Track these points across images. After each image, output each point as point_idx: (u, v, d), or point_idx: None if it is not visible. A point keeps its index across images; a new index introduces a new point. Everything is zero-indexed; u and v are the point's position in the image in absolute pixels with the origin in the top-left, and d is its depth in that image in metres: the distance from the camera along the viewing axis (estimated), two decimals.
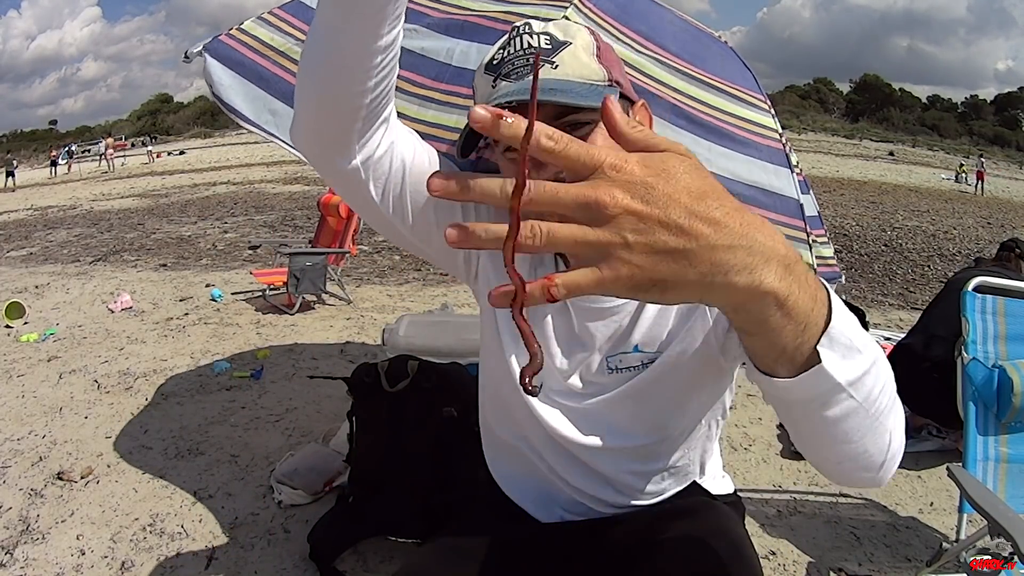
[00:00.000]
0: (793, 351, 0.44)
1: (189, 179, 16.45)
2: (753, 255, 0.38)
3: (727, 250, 0.37)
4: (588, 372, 0.86)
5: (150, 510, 1.95)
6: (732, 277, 0.38)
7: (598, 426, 0.87)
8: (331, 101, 0.67)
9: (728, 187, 1.37)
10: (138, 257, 6.49)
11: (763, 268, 0.38)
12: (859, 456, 0.53)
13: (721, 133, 1.58)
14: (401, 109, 1.49)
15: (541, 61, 0.70)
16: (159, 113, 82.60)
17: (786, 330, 0.42)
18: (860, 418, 0.49)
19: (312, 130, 0.71)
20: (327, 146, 0.71)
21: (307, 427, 2.49)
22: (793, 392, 0.47)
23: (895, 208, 10.77)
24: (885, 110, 77.05)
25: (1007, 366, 1.58)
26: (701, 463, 0.94)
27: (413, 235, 0.81)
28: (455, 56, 1.50)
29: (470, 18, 1.54)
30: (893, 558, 1.79)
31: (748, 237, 0.38)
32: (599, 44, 0.75)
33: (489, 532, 0.94)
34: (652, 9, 1.78)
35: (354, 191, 0.75)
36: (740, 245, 0.37)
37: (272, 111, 1.50)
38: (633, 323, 0.83)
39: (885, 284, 5.73)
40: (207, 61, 1.52)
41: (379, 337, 3.52)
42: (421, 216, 0.79)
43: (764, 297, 0.39)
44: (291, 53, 1.56)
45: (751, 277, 0.38)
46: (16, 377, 3.08)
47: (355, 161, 0.71)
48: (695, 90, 1.59)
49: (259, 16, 1.63)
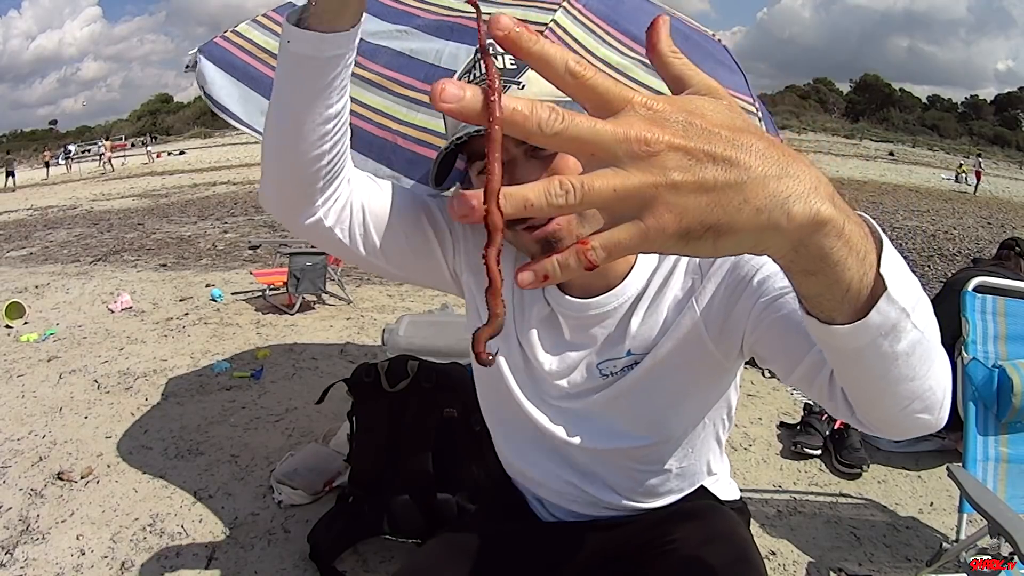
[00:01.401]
0: (859, 284, 0.40)
1: (189, 179, 16.45)
2: (802, 183, 0.34)
3: (778, 180, 0.33)
4: (580, 377, 0.86)
5: (150, 510, 1.95)
6: (790, 207, 0.33)
7: (594, 428, 0.87)
8: (291, 168, 0.73)
9: None
10: (138, 257, 6.49)
11: (814, 196, 0.34)
12: (924, 394, 0.51)
13: None
14: (390, 111, 1.49)
15: (507, 83, 0.70)
16: (159, 113, 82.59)
17: (848, 261, 0.38)
18: (924, 348, 0.47)
19: (278, 194, 0.77)
20: (293, 206, 0.77)
21: (307, 427, 2.49)
22: (861, 335, 0.43)
23: (895, 208, 10.77)
24: (885, 110, 77.05)
25: (1007, 366, 1.58)
26: (707, 466, 0.94)
27: (390, 265, 0.86)
28: (443, 58, 1.50)
29: (460, 20, 1.54)
30: (893, 558, 1.79)
31: (794, 166, 0.34)
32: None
33: (492, 530, 0.94)
34: (643, 8, 1.77)
35: (325, 240, 0.81)
36: (789, 174, 0.33)
37: (263, 112, 1.51)
38: (624, 326, 0.83)
39: None
40: (201, 62, 1.53)
41: (379, 337, 3.52)
42: (393, 248, 0.84)
43: (824, 226, 0.35)
44: None
45: (807, 206, 0.34)
46: (16, 377, 3.08)
47: (319, 215, 0.77)
48: None
49: (253, 19, 1.64)
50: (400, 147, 1.44)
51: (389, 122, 1.47)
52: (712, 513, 0.88)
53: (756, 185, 0.32)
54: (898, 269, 0.42)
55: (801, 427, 2.41)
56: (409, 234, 0.85)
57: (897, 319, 0.43)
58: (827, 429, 2.35)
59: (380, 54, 1.53)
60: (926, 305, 0.47)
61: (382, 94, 1.50)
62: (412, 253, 0.87)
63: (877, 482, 2.19)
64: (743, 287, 0.75)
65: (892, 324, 0.43)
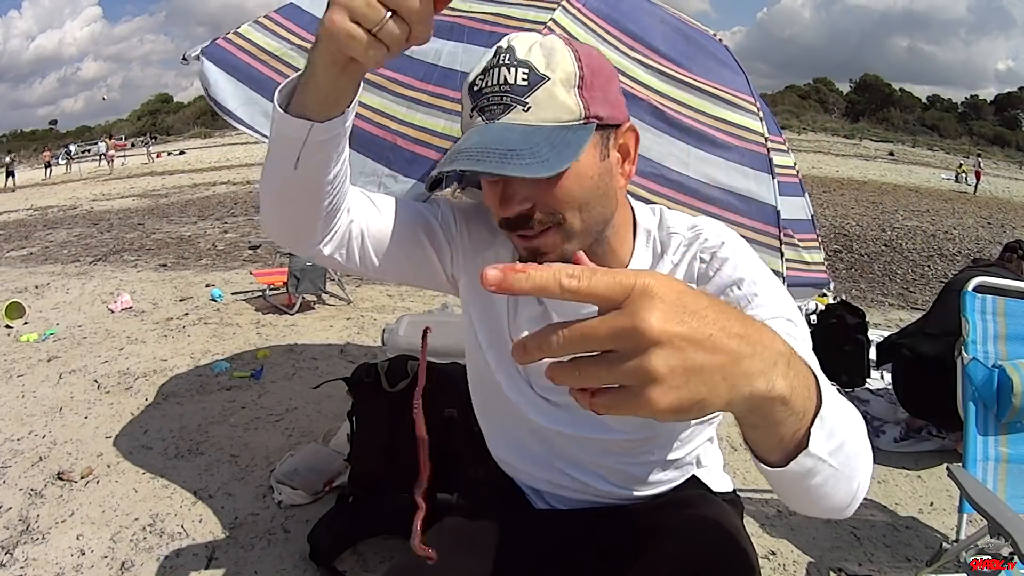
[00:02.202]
0: (789, 439, 0.47)
1: (189, 179, 16.44)
2: (765, 360, 0.40)
3: (750, 359, 0.39)
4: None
5: (150, 510, 1.95)
6: (755, 383, 0.39)
7: (583, 421, 0.88)
8: (288, 217, 0.78)
9: (704, 192, 1.39)
10: (138, 257, 6.49)
11: (773, 370, 0.41)
12: (832, 506, 0.58)
13: (701, 136, 1.57)
14: (389, 111, 1.49)
15: (514, 102, 0.70)
16: (159, 113, 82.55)
17: (787, 421, 0.45)
18: (836, 480, 0.54)
19: (277, 229, 0.82)
20: (292, 240, 0.82)
21: (307, 427, 2.49)
22: (784, 475, 0.50)
23: (895, 208, 10.77)
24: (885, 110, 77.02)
25: (1007, 366, 1.58)
26: (697, 458, 0.95)
27: (390, 276, 0.91)
28: (443, 57, 1.50)
29: (459, 19, 1.54)
30: (893, 558, 1.79)
31: (760, 343, 0.40)
32: (584, 72, 0.71)
33: (487, 519, 0.96)
34: (644, 7, 1.77)
35: (326, 262, 0.85)
36: (756, 351, 0.39)
37: (266, 114, 1.52)
38: None
39: (885, 284, 5.73)
40: (203, 64, 1.53)
41: (379, 337, 3.52)
42: (392, 264, 0.88)
43: (776, 399, 0.42)
44: (286, 58, 1.57)
45: (768, 382, 0.40)
46: (16, 377, 3.08)
47: (319, 246, 0.81)
48: (679, 93, 1.59)
49: (255, 20, 1.65)
50: (399, 147, 1.44)
51: (389, 122, 1.47)
52: (703, 502, 0.89)
53: (733, 365, 0.38)
54: (828, 423, 0.48)
55: None
56: (408, 250, 0.88)
57: (813, 465, 0.50)
58: None
59: None
60: (852, 442, 0.54)
61: (381, 94, 1.50)
62: (411, 265, 0.90)
63: (877, 482, 2.19)
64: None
65: (808, 469, 0.50)
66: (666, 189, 1.50)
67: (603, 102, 0.73)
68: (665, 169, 1.52)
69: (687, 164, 1.53)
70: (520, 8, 1.56)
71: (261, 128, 1.51)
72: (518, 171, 0.66)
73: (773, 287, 0.77)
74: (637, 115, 1.53)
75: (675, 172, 1.52)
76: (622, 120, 0.76)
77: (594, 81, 0.72)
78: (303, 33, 1.59)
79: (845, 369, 2.96)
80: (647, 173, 1.50)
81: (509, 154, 0.67)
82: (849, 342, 2.98)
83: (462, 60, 1.49)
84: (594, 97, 0.72)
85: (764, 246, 1.57)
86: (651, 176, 1.51)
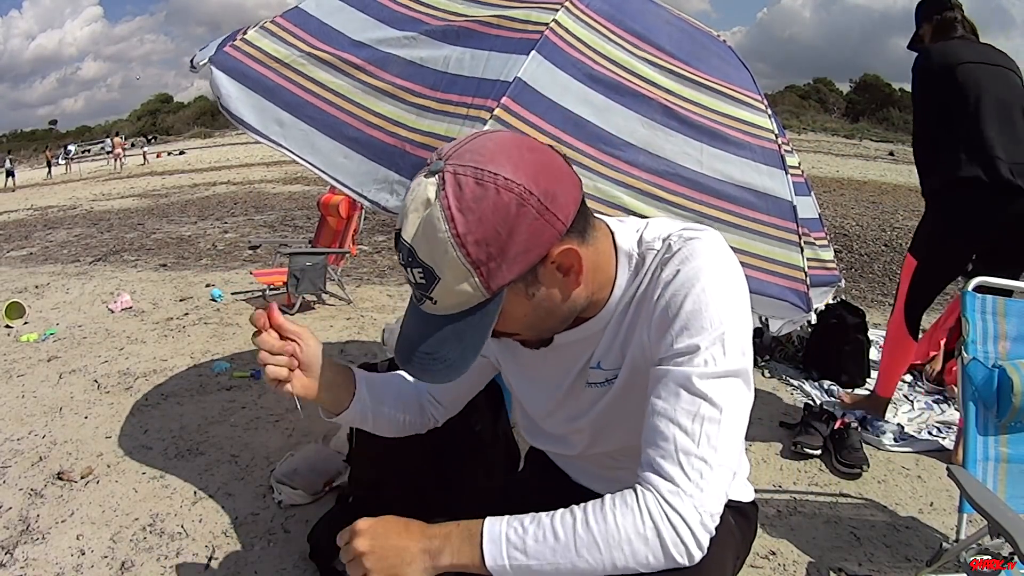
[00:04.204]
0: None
1: (189, 179, 16.43)
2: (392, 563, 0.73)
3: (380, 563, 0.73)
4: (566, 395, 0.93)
5: (150, 510, 1.95)
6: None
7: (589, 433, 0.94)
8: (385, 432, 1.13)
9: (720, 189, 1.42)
10: (138, 257, 6.49)
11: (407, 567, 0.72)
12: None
13: (714, 134, 1.57)
14: (401, 119, 1.51)
15: (423, 296, 0.73)
16: (159, 113, 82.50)
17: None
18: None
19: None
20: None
21: (307, 427, 2.49)
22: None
23: (895, 208, 10.74)
24: (885, 110, 76.87)
25: (1007, 366, 1.58)
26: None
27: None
28: (450, 63, 1.51)
29: (465, 24, 1.54)
30: (893, 558, 1.79)
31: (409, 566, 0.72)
32: (471, 252, 0.67)
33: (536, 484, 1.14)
34: (647, 8, 1.77)
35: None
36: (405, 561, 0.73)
37: (279, 121, 1.53)
38: (594, 344, 0.86)
39: (885, 284, 5.72)
40: (213, 73, 1.54)
41: (379, 337, 3.52)
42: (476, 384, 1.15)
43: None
44: (295, 64, 1.57)
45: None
46: (16, 377, 3.08)
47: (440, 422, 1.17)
48: (689, 91, 1.59)
49: (262, 26, 1.65)
50: (408, 153, 1.46)
51: (400, 130, 1.49)
52: None
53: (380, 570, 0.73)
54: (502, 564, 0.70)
55: (801, 427, 2.40)
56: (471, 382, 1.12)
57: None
58: (827, 429, 2.35)
59: (391, 63, 1.54)
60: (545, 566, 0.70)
61: (394, 103, 1.52)
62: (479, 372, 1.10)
63: (877, 482, 2.19)
64: (660, 338, 0.77)
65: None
66: (683, 188, 1.50)
67: (507, 267, 0.69)
68: (680, 168, 1.52)
69: (701, 162, 1.53)
70: (522, 10, 1.56)
71: (275, 136, 1.52)
72: (435, 379, 0.76)
73: (706, 322, 0.75)
74: (651, 115, 1.54)
75: (690, 170, 1.52)
76: (543, 254, 0.70)
77: (490, 252, 0.67)
78: (311, 40, 1.60)
79: (845, 369, 2.97)
80: (662, 172, 1.50)
81: (426, 359, 0.76)
82: (849, 342, 2.98)
83: (468, 65, 1.50)
84: (492, 270, 0.68)
85: (784, 241, 1.57)
86: (667, 175, 1.50)
